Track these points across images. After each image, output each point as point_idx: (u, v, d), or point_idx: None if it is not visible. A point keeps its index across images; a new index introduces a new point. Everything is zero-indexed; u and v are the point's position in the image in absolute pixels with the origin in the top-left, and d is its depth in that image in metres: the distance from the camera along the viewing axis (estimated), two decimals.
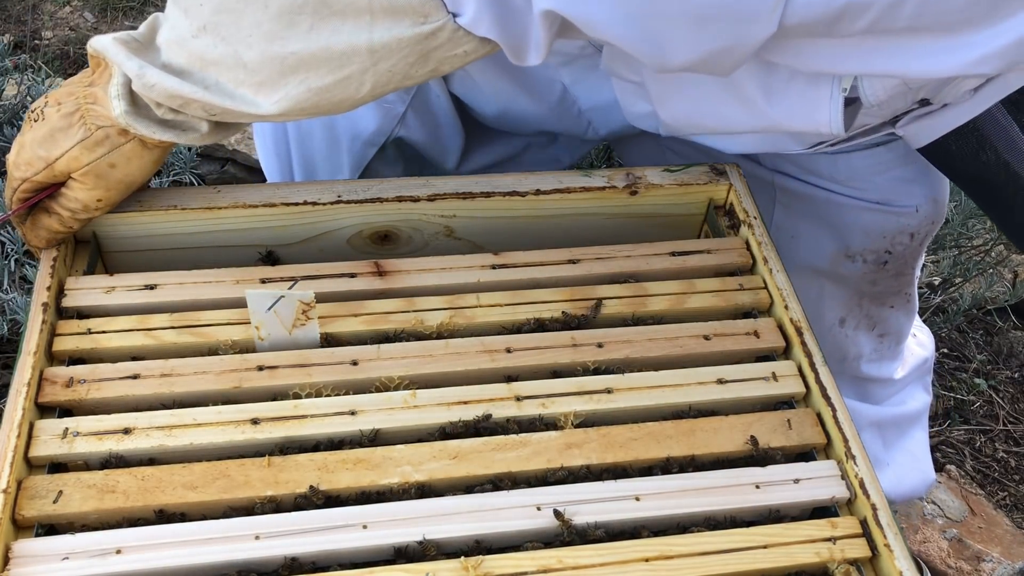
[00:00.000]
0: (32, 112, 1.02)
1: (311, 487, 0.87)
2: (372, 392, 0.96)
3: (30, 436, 0.89)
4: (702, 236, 1.21)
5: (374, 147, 1.34)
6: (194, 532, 0.84)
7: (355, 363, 0.97)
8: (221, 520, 0.85)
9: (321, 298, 1.02)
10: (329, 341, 1.00)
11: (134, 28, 1.02)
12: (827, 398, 0.97)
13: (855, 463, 0.92)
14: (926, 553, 1.77)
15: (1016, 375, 2.14)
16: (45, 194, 1.02)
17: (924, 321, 2.03)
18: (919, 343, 1.63)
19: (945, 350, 2.15)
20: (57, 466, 0.90)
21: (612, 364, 1.00)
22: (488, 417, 0.93)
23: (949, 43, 0.80)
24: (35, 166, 1.00)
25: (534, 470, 0.91)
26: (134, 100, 0.97)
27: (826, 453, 0.96)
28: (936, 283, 2.00)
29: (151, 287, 1.02)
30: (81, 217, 1.03)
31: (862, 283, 1.37)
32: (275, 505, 0.87)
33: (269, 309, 0.96)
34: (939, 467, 1.91)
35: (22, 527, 0.85)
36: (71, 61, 2.48)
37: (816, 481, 0.92)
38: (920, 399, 1.62)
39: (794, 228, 1.33)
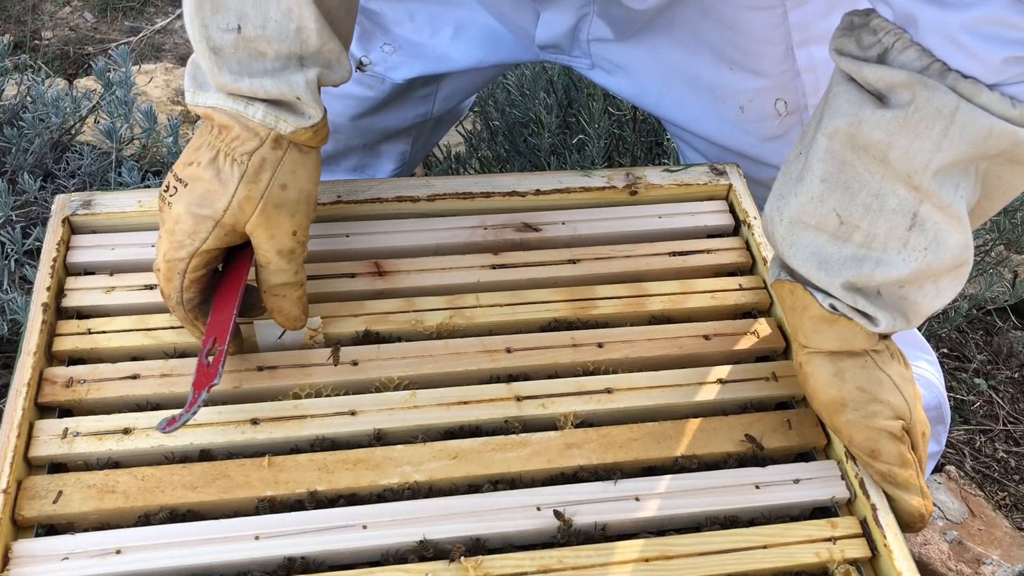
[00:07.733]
0: (164, 192, 0.89)
1: (310, 490, 0.87)
2: (372, 392, 0.96)
3: (30, 436, 0.89)
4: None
5: None
6: (194, 532, 0.84)
7: (355, 363, 0.97)
8: (221, 520, 0.85)
9: (321, 298, 1.02)
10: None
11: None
12: None
13: (855, 463, 0.91)
14: (927, 555, 1.77)
15: (1016, 375, 2.14)
16: (236, 307, 0.90)
17: (923, 323, 2.02)
18: None
19: (945, 350, 2.15)
20: (57, 466, 0.90)
21: (612, 364, 1.00)
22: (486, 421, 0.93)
23: None
24: (201, 231, 0.87)
25: (534, 470, 0.91)
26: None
27: (826, 453, 0.96)
28: None
29: (151, 287, 1.02)
30: (292, 266, 0.91)
31: None
32: (275, 505, 0.87)
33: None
34: (939, 467, 1.91)
35: (22, 527, 0.85)
36: (71, 61, 2.48)
37: (816, 481, 0.92)
38: None
39: None
